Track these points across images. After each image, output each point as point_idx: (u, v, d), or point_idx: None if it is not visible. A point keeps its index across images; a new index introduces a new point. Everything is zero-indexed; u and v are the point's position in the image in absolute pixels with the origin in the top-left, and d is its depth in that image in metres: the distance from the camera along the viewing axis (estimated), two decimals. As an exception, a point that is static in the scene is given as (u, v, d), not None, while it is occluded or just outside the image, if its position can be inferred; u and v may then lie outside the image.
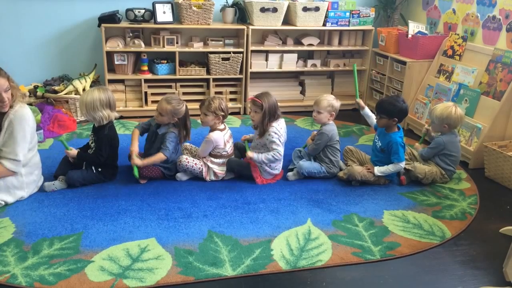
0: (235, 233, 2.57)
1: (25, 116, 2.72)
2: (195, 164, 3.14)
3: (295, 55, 4.69)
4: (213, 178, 3.18)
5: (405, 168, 3.25)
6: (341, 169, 3.33)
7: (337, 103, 3.26)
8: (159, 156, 3.05)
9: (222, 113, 3.12)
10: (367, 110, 3.45)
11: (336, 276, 2.28)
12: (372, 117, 3.41)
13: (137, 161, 3.01)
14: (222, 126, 3.19)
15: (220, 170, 3.19)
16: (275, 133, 3.10)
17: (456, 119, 3.21)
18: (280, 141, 3.12)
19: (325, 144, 3.24)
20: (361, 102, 3.44)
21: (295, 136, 3.97)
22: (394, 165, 3.14)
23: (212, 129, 3.17)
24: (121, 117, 4.29)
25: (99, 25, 4.18)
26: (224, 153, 3.19)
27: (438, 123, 3.26)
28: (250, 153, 3.11)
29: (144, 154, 3.18)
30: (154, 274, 2.21)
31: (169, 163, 3.14)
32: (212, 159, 3.18)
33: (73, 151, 3.01)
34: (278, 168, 3.23)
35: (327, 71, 4.94)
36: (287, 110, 4.66)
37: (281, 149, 3.12)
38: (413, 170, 3.21)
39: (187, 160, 3.13)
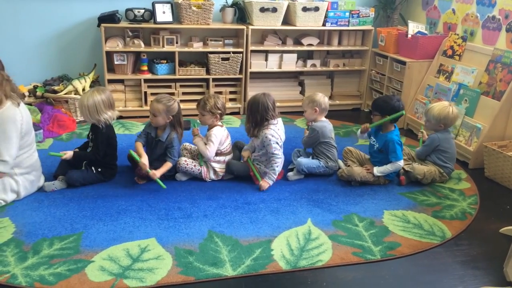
0: (235, 233, 2.57)
1: (9, 117, 2.64)
2: (194, 166, 3.14)
3: (295, 55, 4.69)
4: (213, 177, 3.18)
5: (404, 169, 3.25)
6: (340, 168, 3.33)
7: (320, 99, 3.26)
8: (168, 165, 3.06)
9: (219, 111, 3.12)
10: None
11: (336, 276, 2.28)
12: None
13: (157, 174, 2.99)
14: (220, 123, 3.20)
15: (220, 168, 3.19)
16: (272, 135, 3.09)
17: (453, 119, 3.27)
18: (278, 144, 3.10)
19: (316, 139, 3.26)
20: (368, 129, 3.33)
21: (294, 136, 3.97)
22: (393, 164, 3.15)
23: (211, 127, 3.17)
24: (121, 117, 4.29)
25: (98, 25, 4.17)
26: (224, 150, 3.19)
27: (435, 123, 3.29)
28: (263, 183, 3.07)
29: None
30: (154, 274, 2.21)
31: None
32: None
33: (68, 154, 2.98)
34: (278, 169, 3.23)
35: (326, 71, 4.93)
36: (286, 110, 4.66)
37: (278, 152, 3.10)
38: (412, 171, 3.21)
39: (186, 162, 3.13)
